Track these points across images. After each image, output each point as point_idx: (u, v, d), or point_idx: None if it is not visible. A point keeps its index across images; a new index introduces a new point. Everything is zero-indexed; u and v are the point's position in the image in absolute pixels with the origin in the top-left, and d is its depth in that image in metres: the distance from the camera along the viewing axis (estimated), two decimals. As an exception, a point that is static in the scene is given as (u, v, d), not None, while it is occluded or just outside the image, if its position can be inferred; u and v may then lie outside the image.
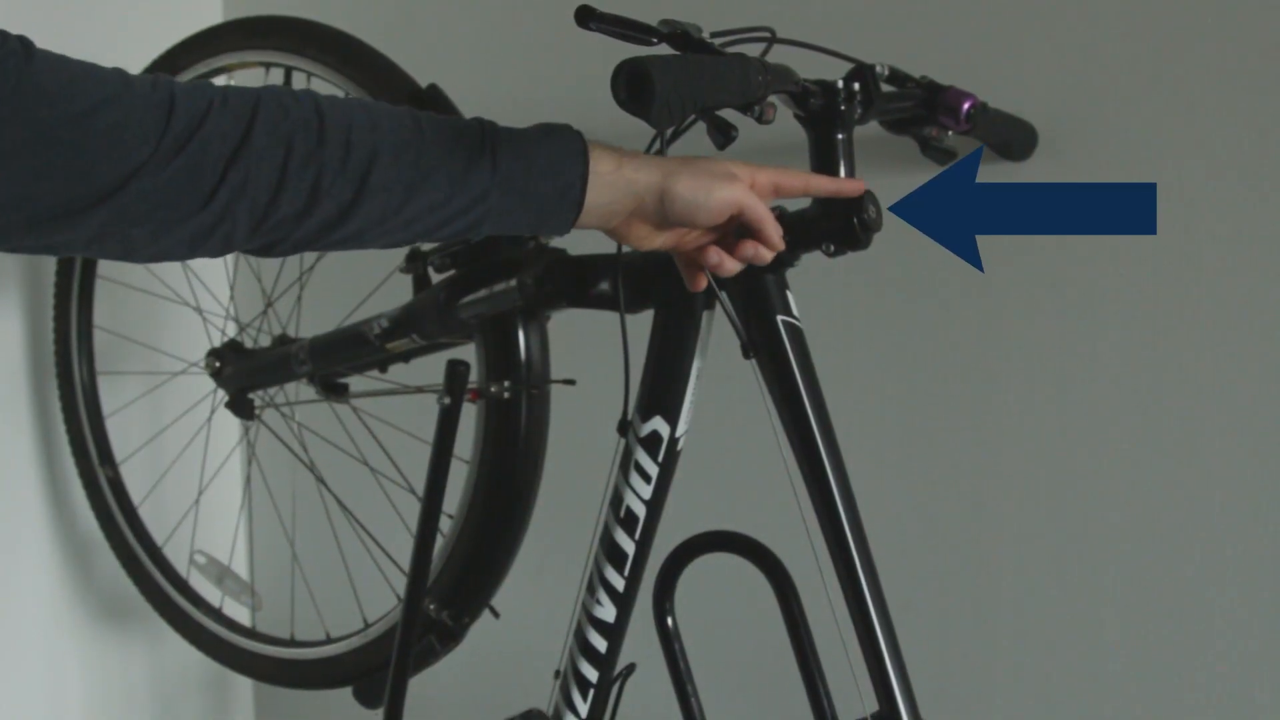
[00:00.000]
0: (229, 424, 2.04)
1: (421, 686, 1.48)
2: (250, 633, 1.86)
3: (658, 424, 1.21)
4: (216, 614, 1.90)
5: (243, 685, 2.35)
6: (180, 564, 1.97)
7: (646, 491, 1.22)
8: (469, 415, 1.41)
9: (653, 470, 1.21)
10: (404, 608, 1.40)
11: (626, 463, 1.23)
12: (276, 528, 2.09)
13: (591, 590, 1.25)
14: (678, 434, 1.21)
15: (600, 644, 1.25)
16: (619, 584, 1.23)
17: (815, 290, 1.28)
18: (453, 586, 1.46)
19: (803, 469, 1.15)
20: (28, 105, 0.79)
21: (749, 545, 1.22)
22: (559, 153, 1.02)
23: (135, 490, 2.00)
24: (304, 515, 2.06)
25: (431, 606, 1.46)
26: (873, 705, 1.13)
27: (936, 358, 1.57)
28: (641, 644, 1.29)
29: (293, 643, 1.78)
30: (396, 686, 1.42)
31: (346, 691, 1.60)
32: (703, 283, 1.14)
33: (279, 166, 0.90)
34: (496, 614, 1.51)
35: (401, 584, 1.43)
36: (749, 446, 1.48)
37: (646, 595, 1.26)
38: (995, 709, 1.57)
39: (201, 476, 2.05)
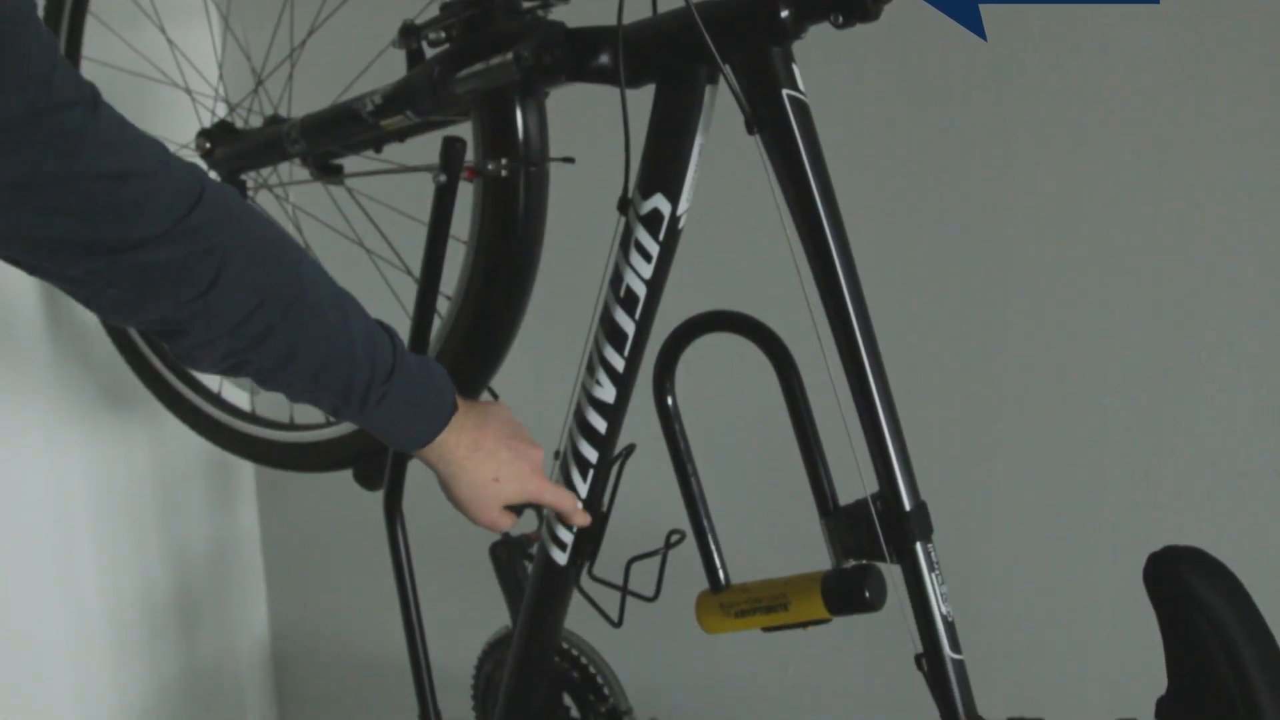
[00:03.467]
0: (222, 208, 2.00)
1: (421, 468, 1.49)
2: (250, 417, 1.86)
3: (658, 202, 1.18)
4: (215, 399, 1.90)
5: (244, 469, 2.37)
6: (178, 349, 1.96)
7: (647, 271, 1.19)
8: (466, 195, 1.38)
9: (653, 249, 1.19)
10: (402, 390, 1.39)
11: (626, 241, 1.20)
12: (273, 312, 2.08)
13: (591, 371, 1.24)
14: (679, 212, 1.19)
15: (600, 424, 1.25)
16: (619, 364, 1.22)
17: (823, 65, 1.23)
18: (451, 368, 1.44)
19: (807, 248, 1.12)
20: (78, 151, 0.84)
21: (750, 324, 1.20)
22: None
23: (129, 275, 1.97)
24: (300, 299, 2.04)
25: (430, 388, 1.45)
26: (873, 487, 1.13)
27: (947, 136, 1.53)
28: (641, 425, 1.28)
29: (292, 426, 1.78)
30: (396, 468, 1.43)
31: (347, 474, 1.60)
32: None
33: (245, 312, 0.97)
34: (495, 395, 1.50)
35: (400, 366, 1.41)
36: (752, 225, 1.45)
37: (646, 377, 1.25)
38: (995, 490, 1.58)
39: (196, 261, 2.02)
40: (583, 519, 1.30)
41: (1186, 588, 0.97)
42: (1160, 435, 1.46)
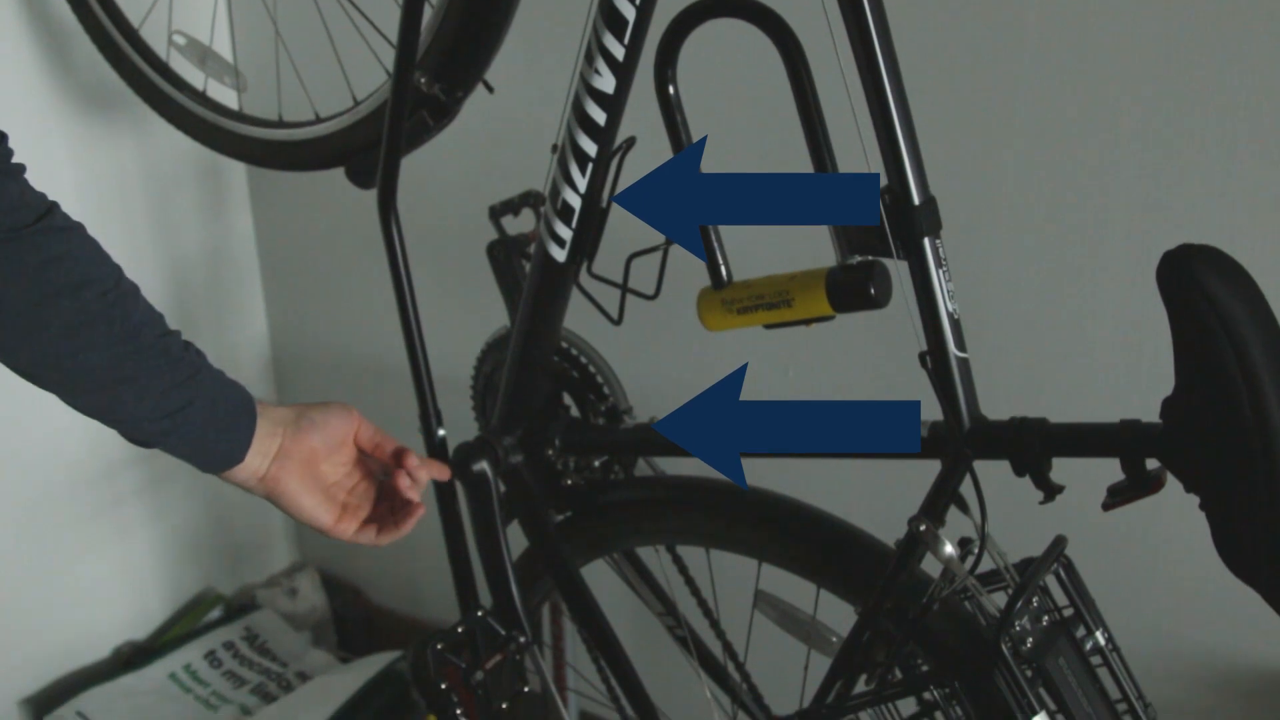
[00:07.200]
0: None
1: (415, 166, 1.45)
2: (237, 115, 1.80)
3: (661, -126, 1.10)
4: (201, 97, 1.84)
5: (236, 173, 2.33)
6: (159, 47, 1.88)
7: (648, -49, 1.12)
8: None
9: (655, -73, 1.12)
10: (393, 83, 1.34)
11: (627, -81, 1.13)
12: (257, 4, 2.00)
13: (590, 60, 1.18)
14: (683, -114, 1.11)
15: (599, 116, 1.20)
16: (619, 52, 1.16)
17: None
18: (444, 59, 1.40)
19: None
20: None
21: (756, 9, 1.14)
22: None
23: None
24: (285, -11, 1.97)
25: (423, 80, 1.40)
26: (882, 181, 1.09)
27: None
28: (641, 117, 1.24)
29: (281, 124, 1.72)
30: (389, 164, 1.39)
31: (339, 173, 1.57)
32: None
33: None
34: (490, 88, 1.45)
35: (390, 58, 1.36)
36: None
37: (647, 67, 1.20)
38: (1005, 185, 1.55)
39: (174, -48, 1.94)
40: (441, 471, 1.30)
41: (1200, 285, 0.94)
42: (1175, 132, 1.42)
